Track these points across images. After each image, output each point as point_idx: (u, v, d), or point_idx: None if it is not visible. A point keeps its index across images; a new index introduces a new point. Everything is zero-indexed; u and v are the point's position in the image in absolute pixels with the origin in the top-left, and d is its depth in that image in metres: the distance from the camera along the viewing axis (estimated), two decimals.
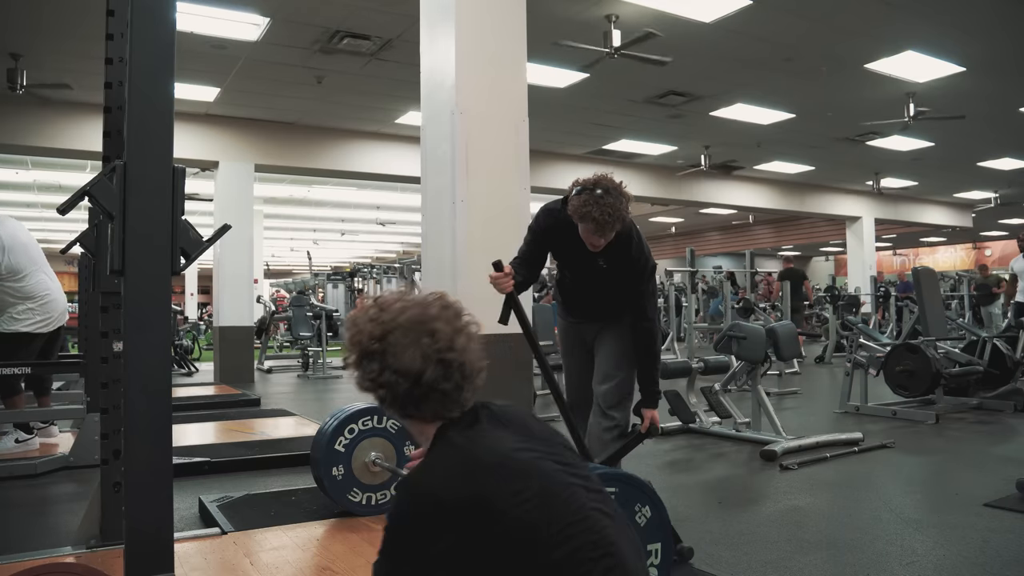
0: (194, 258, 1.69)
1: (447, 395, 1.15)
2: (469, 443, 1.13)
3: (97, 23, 2.60)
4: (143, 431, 1.62)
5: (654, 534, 1.72)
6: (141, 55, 1.64)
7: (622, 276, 2.71)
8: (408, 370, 1.13)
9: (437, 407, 1.16)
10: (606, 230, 2.50)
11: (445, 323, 1.16)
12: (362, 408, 2.99)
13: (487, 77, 3.99)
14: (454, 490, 1.05)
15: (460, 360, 1.15)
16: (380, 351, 1.15)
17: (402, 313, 1.16)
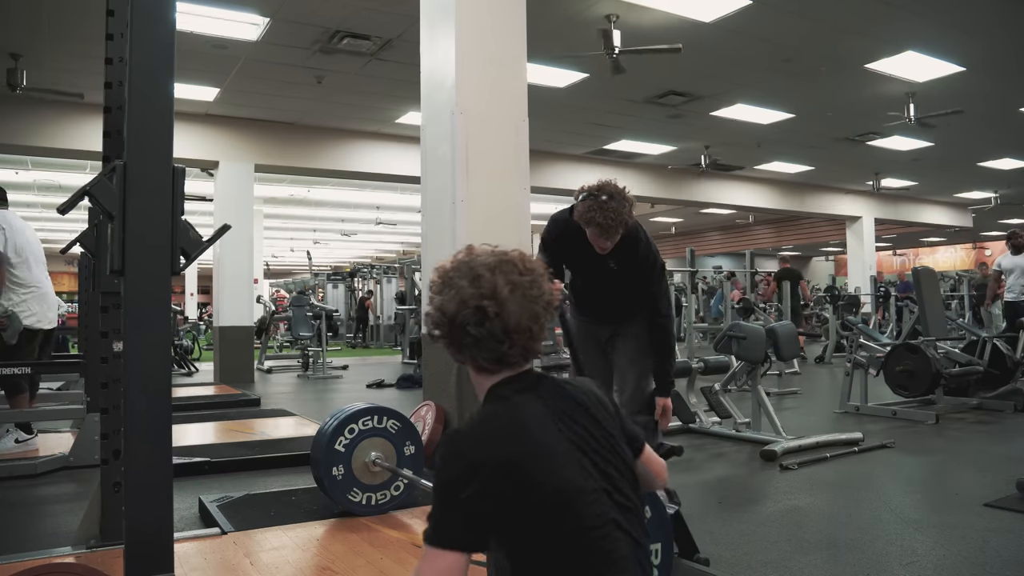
0: (194, 258, 1.69)
1: (480, 341, 1.17)
2: (512, 408, 1.17)
3: (97, 23, 2.60)
4: (143, 431, 1.62)
5: (655, 534, 1.72)
6: (141, 55, 1.64)
7: (632, 276, 2.83)
8: (446, 310, 1.18)
9: (474, 353, 1.19)
10: (610, 233, 2.62)
11: (496, 273, 1.18)
12: (362, 408, 2.99)
13: (487, 77, 3.99)
14: (489, 452, 1.10)
15: (497, 310, 1.16)
16: (437, 289, 1.21)
17: (466, 257, 1.22)
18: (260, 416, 6.09)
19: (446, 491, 1.10)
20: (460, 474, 1.09)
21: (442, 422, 3.87)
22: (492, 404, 1.20)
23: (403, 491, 2.99)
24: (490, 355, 1.19)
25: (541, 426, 1.15)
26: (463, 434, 1.15)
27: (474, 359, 1.20)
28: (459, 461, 1.11)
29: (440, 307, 1.19)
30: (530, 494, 1.08)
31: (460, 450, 1.12)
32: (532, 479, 1.09)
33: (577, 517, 1.10)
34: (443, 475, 1.12)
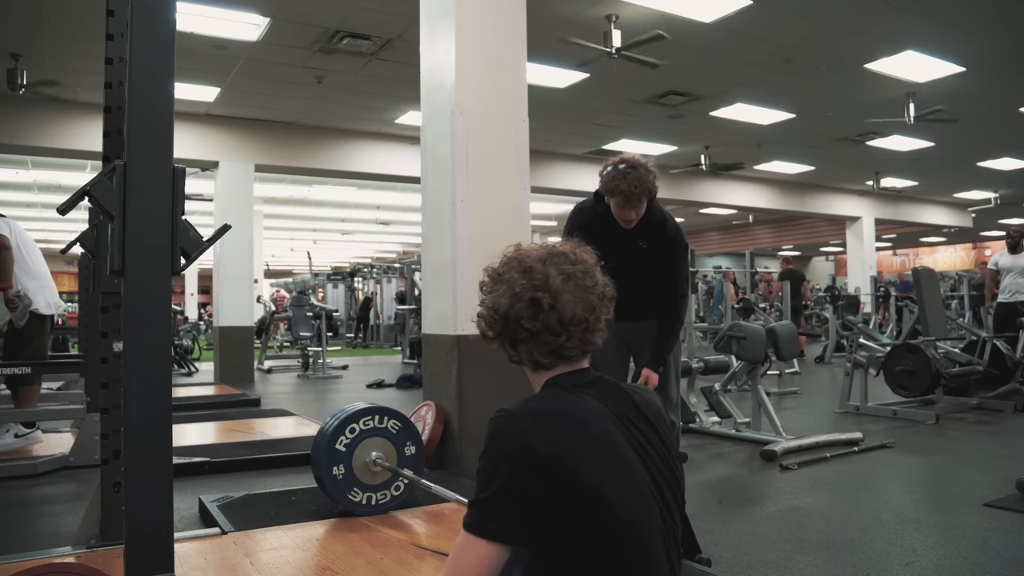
0: (194, 258, 1.69)
1: (536, 335, 1.14)
2: (562, 400, 1.12)
3: (97, 23, 2.60)
4: (143, 431, 1.62)
5: None
6: (141, 55, 1.64)
7: (660, 255, 2.89)
8: (499, 306, 1.15)
9: (530, 348, 1.15)
10: (633, 201, 2.73)
11: (547, 265, 1.16)
12: (363, 408, 2.99)
13: (487, 77, 4.00)
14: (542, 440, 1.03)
15: (551, 302, 1.13)
16: (488, 288, 1.19)
17: (515, 252, 1.19)
18: (260, 416, 6.09)
19: (497, 474, 1.02)
20: (516, 456, 1.02)
21: (442, 422, 3.87)
22: (548, 390, 1.15)
23: (403, 491, 2.99)
24: (546, 349, 1.15)
25: (599, 425, 1.09)
26: (518, 414, 1.06)
27: (530, 355, 1.16)
28: (515, 441, 1.03)
29: (493, 305, 1.16)
30: (579, 496, 1.02)
31: (517, 430, 1.04)
32: (582, 479, 1.02)
33: (629, 530, 1.04)
34: (495, 456, 1.04)
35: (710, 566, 2.46)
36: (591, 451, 1.05)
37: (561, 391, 1.14)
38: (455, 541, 1.05)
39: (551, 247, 1.20)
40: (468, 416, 3.82)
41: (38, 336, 4.52)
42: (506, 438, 1.04)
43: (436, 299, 4.06)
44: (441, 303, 3.98)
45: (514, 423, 1.05)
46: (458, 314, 3.82)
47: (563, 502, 1.01)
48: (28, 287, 4.45)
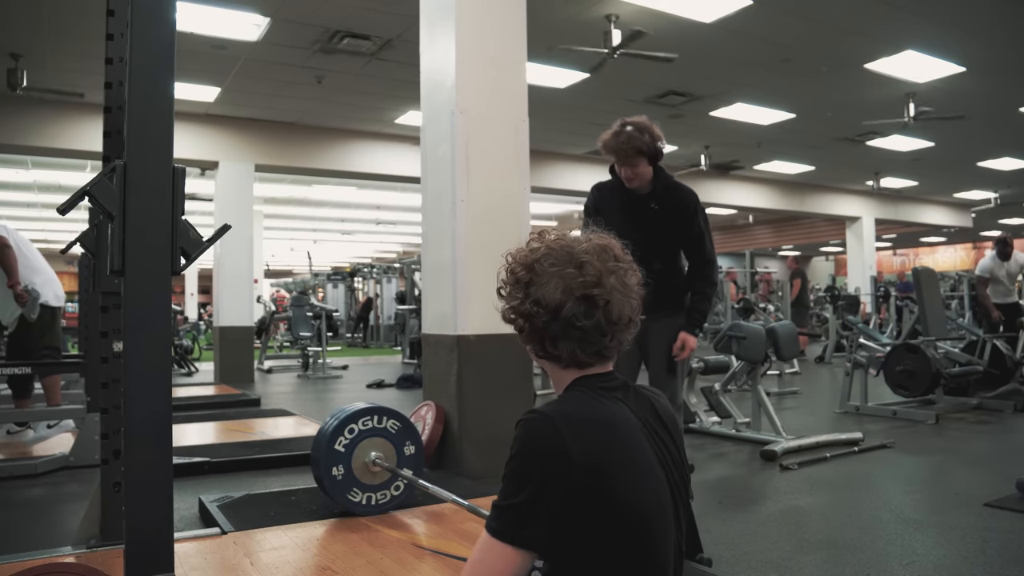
0: (194, 258, 1.69)
1: (586, 334, 1.08)
2: (595, 402, 1.08)
3: (97, 23, 2.60)
4: (143, 431, 1.62)
5: None
6: (141, 55, 1.64)
7: (675, 221, 2.96)
8: (549, 302, 1.07)
9: (575, 347, 1.09)
10: (625, 158, 2.89)
11: (597, 259, 1.10)
12: (362, 408, 2.99)
13: (487, 77, 4.00)
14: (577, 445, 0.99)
15: (607, 299, 1.08)
16: (526, 280, 1.10)
17: (555, 243, 1.13)
18: (260, 416, 6.09)
19: (530, 478, 0.97)
20: (551, 461, 0.98)
21: (442, 422, 3.87)
22: (576, 392, 1.10)
23: (403, 491, 2.99)
24: (592, 348, 1.09)
25: (628, 433, 1.06)
26: (553, 416, 1.02)
27: (573, 352, 1.10)
28: (550, 445, 0.98)
29: (538, 299, 1.08)
30: (607, 505, 0.98)
31: (552, 433, 0.99)
32: (612, 487, 0.99)
33: (649, 542, 1.01)
34: (529, 459, 0.99)
35: (711, 566, 2.46)
36: (623, 460, 1.02)
37: (590, 394, 1.09)
38: (477, 544, 1.00)
39: (591, 239, 1.15)
40: (468, 416, 3.82)
41: (50, 328, 4.66)
42: (540, 441, 1.00)
43: (436, 299, 4.06)
44: (441, 303, 3.98)
45: (549, 425, 1.00)
46: (458, 314, 3.82)
47: (593, 511, 0.98)
48: (35, 281, 4.56)
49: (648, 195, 2.95)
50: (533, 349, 1.14)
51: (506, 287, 1.14)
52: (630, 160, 2.89)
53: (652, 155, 2.92)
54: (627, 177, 2.94)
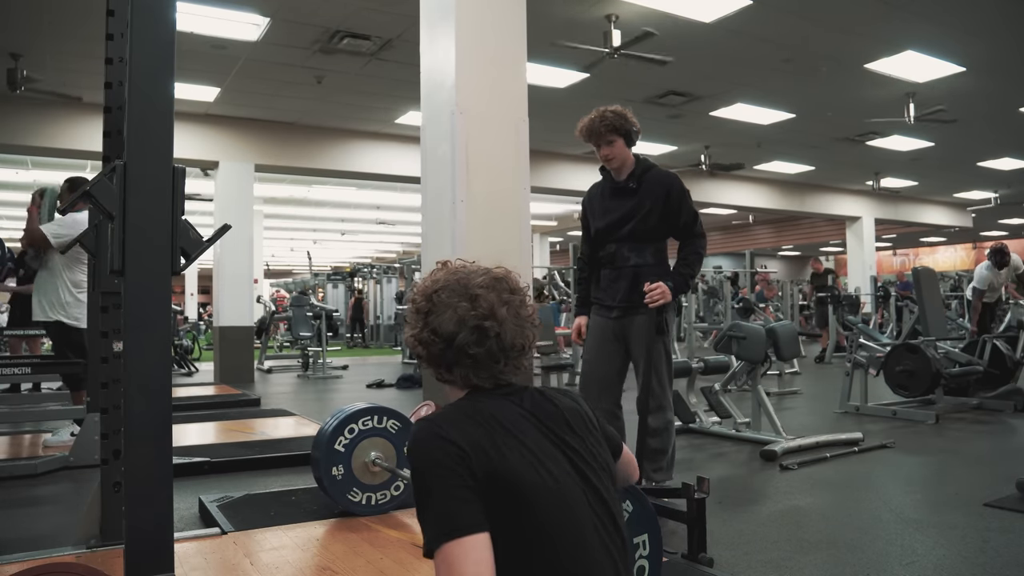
0: (194, 258, 1.69)
1: (478, 362, 1.16)
2: (477, 402, 1.16)
3: (97, 23, 2.60)
4: (143, 431, 1.62)
5: (638, 528, 1.72)
6: (141, 55, 1.64)
7: (656, 200, 3.11)
8: (443, 331, 1.16)
9: (467, 372, 1.18)
10: (596, 137, 3.09)
11: (491, 292, 1.18)
12: (362, 408, 2.99)
13: (487, 77, 3.99)
14: (460, 434, 1.07)
15: (497, 330, 1.16)
16: (426, 310, 1.19)
17: (453, 276, 1.20)
18: (260, 416, 6.09)
19: (435, 475, 1.05)
20: (444, 454, 1.05)
21: None
22: (464, 398, 1.19)
23: (403, 491, 2.99)
24: (486, 373, 1.18)
25: (512, 420, 1.12)
26: (436, 419, 1.11)
27: (466, 378, 1.18)
28: (438, 441, 1.06)
29: (435, 328, 1.17)
30: (503, 484, 1.04)
31: (436, 432, 1.07)
32: (500, 468, 1.05)
33: (549, 517, 1.05)
34: (426, 463, 1.06)
35: (711, 566, 2.46)
36: (506, 443, 1.08)
37: (474, 398, 1.18)
38: (436, 568, 1.01)
39: (487, 271, 1.22)
40: None
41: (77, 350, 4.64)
42: (428, 443, 1.07)
43: None
44: None
45: (431, 426, 1.09)
46: None
47: (494, 494, 1.04)
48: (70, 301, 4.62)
49: (628, 178, 3.16)
50: (433, 373, 1.22)
51: (410, 315, 1.22)
52: (604, 138, 3.08)
53: (625, 133, 3.10)
54: (604, 156, 3.13)
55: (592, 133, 3.10)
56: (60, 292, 4.58)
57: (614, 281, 3.18)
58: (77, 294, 4.58)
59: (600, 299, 3.25)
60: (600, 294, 3.26)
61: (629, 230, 3.12)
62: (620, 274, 3.15)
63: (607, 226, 3.19)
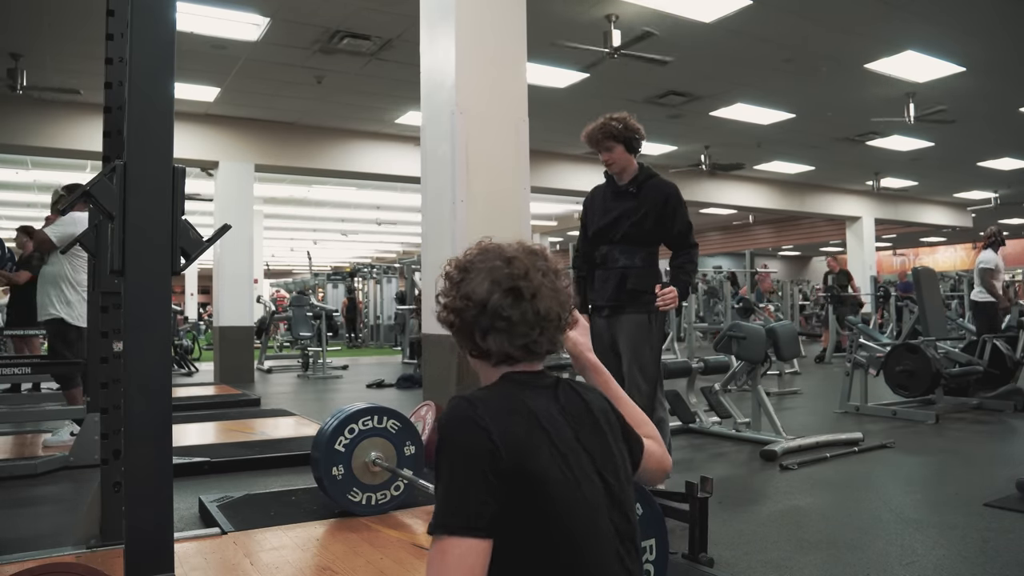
0: (194, 258, 1.69)
1: (513, 326, 1.10)
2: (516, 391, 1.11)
3: (97, 23, 2.60)
4: (143, 431, 1.62)
5: (647, 531, 1.72)
6: (141, 55, 1.64)
7: (653, 205, 3.25)
8: (477, 295, 1.11)
9: (503, 340, 1.11)
10: (596, 143, 3.24)
11: (526, 256, 1.15)
12: (363, 408, 2.99)
13: (487, 77, 3.99)
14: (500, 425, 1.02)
15: (533, 292, 1.11)
16: (458, 279, 1.15)
17: (488, 246, 1.18)
18: (260, 416, 6.09)
19: (460, 462, 0.99)
20: (476, 442, 1.00)
21: None
22: (503, 383, 1.13)
23: (403, 491, 2.99)
24: (521, 341, 1.11)
25: (550, 418, 1.08)
26: (476, 401, 1.05)
27: (501, 346, 1.12)
28: (473, 428, 1.01)
29: (467, 294, 1.11)
30: (531, 486, 1.00)
31: (476, 416, 1.02)
32: (533, 470, 1.01)
33: (574, 522, 1.02)
34: (457, 449, 1.00)
35: (712, 566, 2.46)
36: (543, 444, 1.04)
37: (515, 386, 1.12)
38: (431, 555, 0.97)
39: (524, 244, 1.19)
40: None
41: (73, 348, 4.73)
42: (463, 427, 1.02)
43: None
44: None
45: (470, 408, 1.03)
46: None
47: (518, 493, 1.00)
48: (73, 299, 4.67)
49: (630, 183, 3.31)
50: (466, 347, 1.16)
51: (442, 288, 1.18)
52: (603, 144, 3.22)
53: (626, 141, 3.23)
54: (606, 161, 3.28)
55: (592, 140, 3.25)
56: (65, 290, 4.62)
57: (605, 282, 3.30)
58: (81, 293, 4.60)
59: (594, 300, 3.36)
60: (593, 295, 3.37)
61: (623, 232, 3.25)
62: (610, 275, 3.28)
63: (604, 227, 3.31)
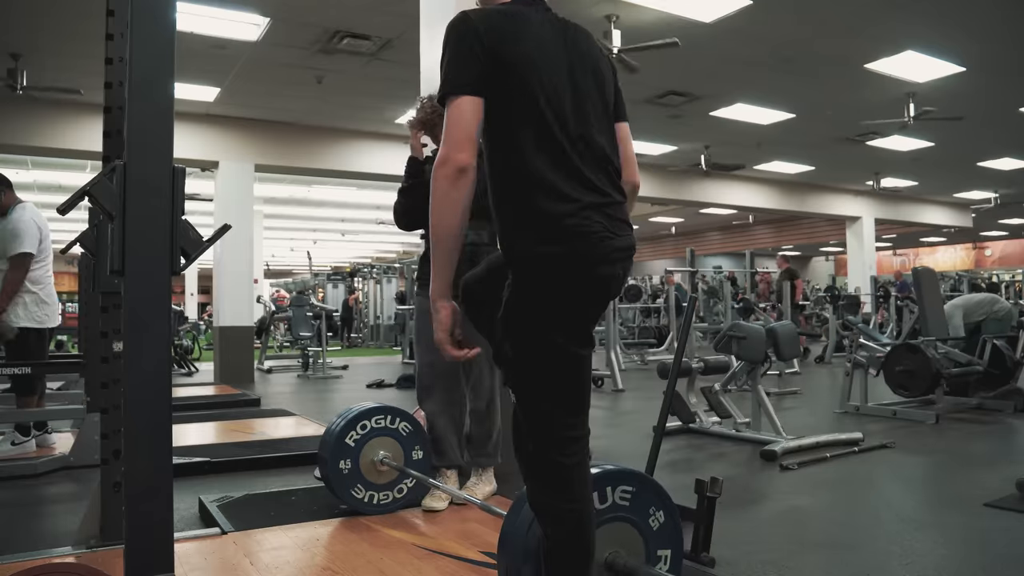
0: (194, 258, 1.69)
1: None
2: (516, 9, 1.50)
3: (97, 23, 2.60)
4: (143, 431, 1.62)
5: (665, 541, 1.71)
6: (141, 55, 1.64)
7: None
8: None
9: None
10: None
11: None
12: (376, 407, 3.02)
13: None
14: (478, 24, 1.43)
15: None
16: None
17: None
18: (260, 416, 6.09)
19: (457, 50, 1.40)
20: (464, 28, 1.41)
21: None
22: (511, 3, 1.51)
23: (406, 494, 2.99)
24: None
25: (535, 21, 1.48)
26: (467, 12, 1.44)
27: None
28: (463, 22, 1.42)
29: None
30: (504, 59, 1.40)
31: (468, 16, 1.43)
32: (505, 48, 1.41)
33: (541, 93, 1.41)
34: (454, 42, 1.41)
35: (713, 566, 2.46)
36: (523, 33, 1.44)
37: (520, 3, 1.51)
38: (448, 112, 1.39)
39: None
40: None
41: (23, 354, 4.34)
42: (458, 26, 1.42)
43: None
44: None
45: (463, 15, 1.44)
46: None
47: (497, 67, 1.40)
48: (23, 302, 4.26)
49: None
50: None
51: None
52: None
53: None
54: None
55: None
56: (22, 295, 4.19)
57: None
58: (37, 291, 4.23)
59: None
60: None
61: None
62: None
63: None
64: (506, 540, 1.64)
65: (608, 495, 1.62)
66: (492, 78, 1.39)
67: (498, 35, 1.40)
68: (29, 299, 4.22)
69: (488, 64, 1.39)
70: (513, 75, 1.40)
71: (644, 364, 10.71)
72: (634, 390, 7.75)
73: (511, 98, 1.40)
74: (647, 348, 11.64)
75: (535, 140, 1.39)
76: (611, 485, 1.63)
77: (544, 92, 1.41)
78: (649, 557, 1.69)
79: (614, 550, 1.62)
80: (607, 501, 1.62)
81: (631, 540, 1.66)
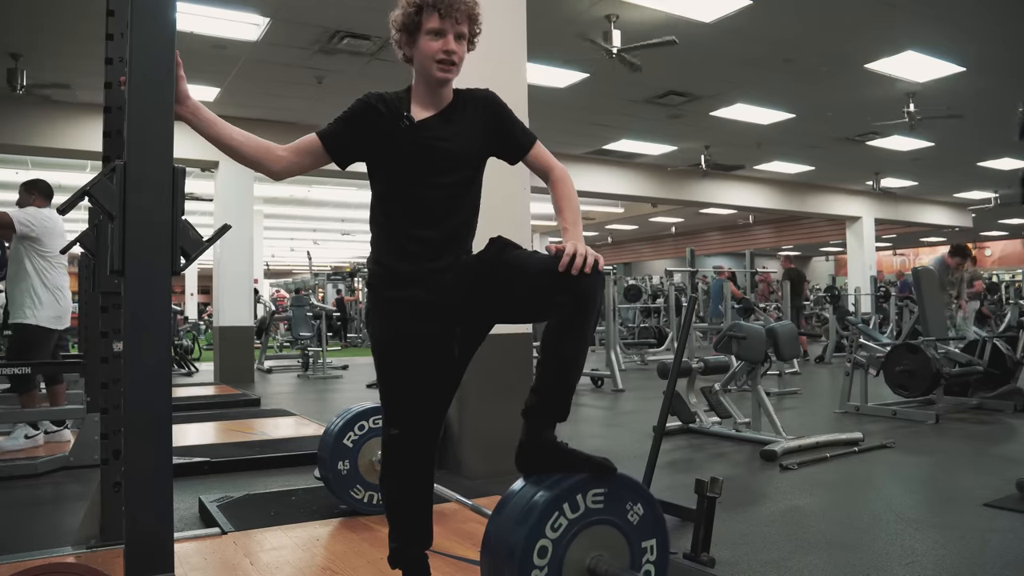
0: (194, 258, 1.69)
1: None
2: None
3: (97, 23, 2.60)
4: (143, 431, 1.62)
5: (648, 532, 1.71)
6: (141, 55, 1.64)
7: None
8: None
9: None
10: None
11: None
12: (374, 407, 3.00)
13: (487, 77, 3.98)
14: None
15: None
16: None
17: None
18: (260, 416, 6.09)
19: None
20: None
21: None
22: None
23: None
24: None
25: None
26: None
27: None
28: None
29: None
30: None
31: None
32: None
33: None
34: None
35: (713, 566, 2.46)
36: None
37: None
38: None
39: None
40: (468, 416, 3.81)
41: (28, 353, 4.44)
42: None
43: None
44: None
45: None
46: None
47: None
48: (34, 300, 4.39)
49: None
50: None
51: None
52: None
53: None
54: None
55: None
56: (30, 291, 4.30)
57: None
58: (54, 293, 4.36)
59: None
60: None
61: None
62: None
63: None
64: (489, 539, 1.64)
65: (580, 503, 1.62)
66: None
67: None
68: (48, 298, 4.36)
69: None
70: None
71: (644, 364, 10.72)
72: (634, 390, 7.75)
73: None
74: (647, 348, 11.64)
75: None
76: (580, 493, 1.63)
77: None
78: (634, 552, 1.69)
79: (597, 554, 1.62)
80: (579, 509, 1.62)
81: (612, 540, 1.66)
